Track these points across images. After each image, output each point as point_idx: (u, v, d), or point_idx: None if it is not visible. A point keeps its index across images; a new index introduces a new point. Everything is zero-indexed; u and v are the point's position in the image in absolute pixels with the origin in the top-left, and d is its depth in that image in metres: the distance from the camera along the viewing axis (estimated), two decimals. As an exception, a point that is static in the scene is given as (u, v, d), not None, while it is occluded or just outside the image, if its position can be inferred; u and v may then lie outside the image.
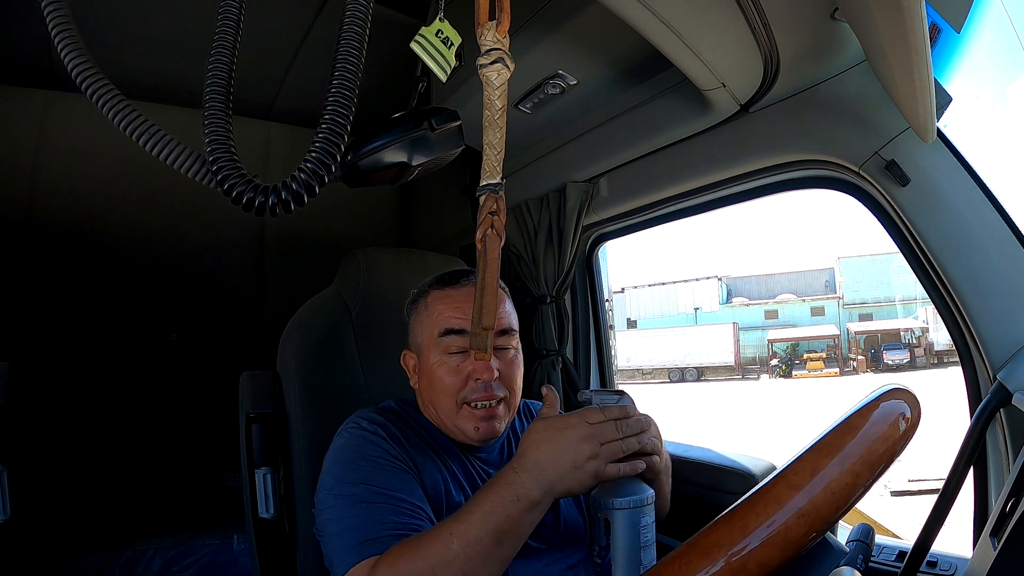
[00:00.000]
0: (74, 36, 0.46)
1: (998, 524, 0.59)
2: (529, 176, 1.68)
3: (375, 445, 0.82)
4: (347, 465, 0.81)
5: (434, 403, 0.91)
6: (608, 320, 1.84)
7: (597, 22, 1.07)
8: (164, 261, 2.18)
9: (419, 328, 0.94)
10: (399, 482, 0.79)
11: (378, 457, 0.81)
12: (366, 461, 0.80)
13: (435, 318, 0.91)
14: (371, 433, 0.83)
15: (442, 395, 0.89)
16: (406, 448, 0.85)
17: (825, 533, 0.63)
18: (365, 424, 0.85)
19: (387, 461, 0.80)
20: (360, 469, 0.79)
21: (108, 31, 1.54)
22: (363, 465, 0.79)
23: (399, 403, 0.97)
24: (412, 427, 0.91)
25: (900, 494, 5.38)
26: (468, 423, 0.88)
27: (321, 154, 0.46)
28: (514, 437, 1.01)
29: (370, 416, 0.88)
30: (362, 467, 0.79)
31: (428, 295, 0.95)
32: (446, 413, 0.90)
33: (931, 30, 0.68)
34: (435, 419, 0.93)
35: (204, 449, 2.17)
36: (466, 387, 0.88)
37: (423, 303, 0.95)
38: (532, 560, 0.87)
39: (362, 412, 0.90)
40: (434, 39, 0.71)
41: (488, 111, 0.58)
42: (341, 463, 0.81)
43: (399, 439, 0.85)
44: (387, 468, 0.80)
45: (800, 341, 23.50)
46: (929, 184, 0.97)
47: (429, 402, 0.92)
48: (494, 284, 0.63)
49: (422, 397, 0.95)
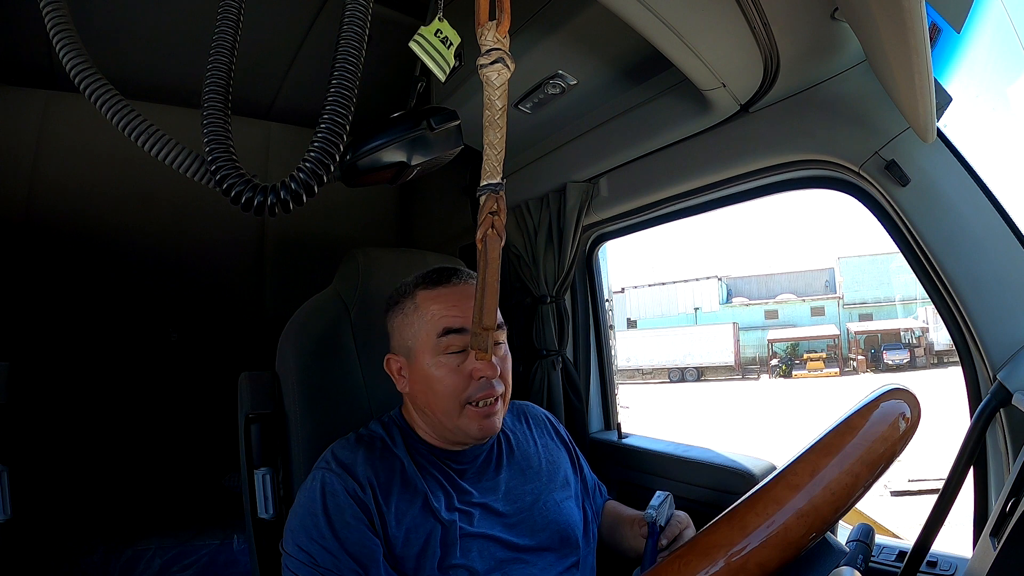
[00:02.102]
0: (72, 37, 0.46)
1: (998, 524, 0.59)
2: (529, 176, 1.68)
3: (336, 507, 0.80)
4: (301, 530, 0.80)
5: (431, 406, 0.88)
6: (608, 320, 1.84)
7: (597, 22, 1.07)
8: (164, 261, 2.17)
9: (408, 330, 0.89)
10: (349, 547, 0.78)
11: (334, 517, 0.79)
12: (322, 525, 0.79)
13: (429, 318, 0.87)
14: (330, 496, 0.81)
15: (443, 397, 0.86)
16: (374, 491, 0.82)
17: (825, 533, 0.63)
18: (328, 478, 0.82)
19: (343, 519, 0.79)
20: (312, 540, 0.79)
21: (107, 31, 1.54)
22: (315, 535, 0.79)
23: (384, 423, 0.95)
24: (392, 455, 0.88)
25: (900, 494, 5.38)
26: (471, 423, 0.86)
27: (320, 154, 0.46)
28: (504, 439, 0.99)
29: (338, 461, 0.85)
30: (314, 538, 0.79)
31: (415, 295, 0.90)
32: (445, 415, 0.87)
33: (931, 30, 0.68)
34: (428, 423, 0.91)
35: (204, 449, 2.17)
36: (469, 387, 0.86)
37: (410, 304, 0.90)
38: (528, 566, 0.87)
39: (333, 452, 0.87)
40: (433, 39, 0.71)
41: (488, 111, 0.58)
42: (300, 522, 0.81)
43: (366, 483, 0.82)
44: (341, 530, 0.78)
45: (800, 341, 23.48)
46: (929, 184, 0.97)
47: (424, 405, 0.89)
48: (495, 284, 0.63)
49: (414, 401, 0.91)
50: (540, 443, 1.03)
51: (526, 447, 1.00)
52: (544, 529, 0.90)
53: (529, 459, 0.98)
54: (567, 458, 1.05)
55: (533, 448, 1.01)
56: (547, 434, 1.06)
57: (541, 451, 1.01)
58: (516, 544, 0.87)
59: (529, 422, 1.06)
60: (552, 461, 1.01)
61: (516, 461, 0.97)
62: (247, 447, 1.08)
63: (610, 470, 1.51)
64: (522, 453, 0.99)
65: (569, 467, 1.04)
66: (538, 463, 0.99)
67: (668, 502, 0.92)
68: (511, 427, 1.03)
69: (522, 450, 0.99)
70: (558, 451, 1.04)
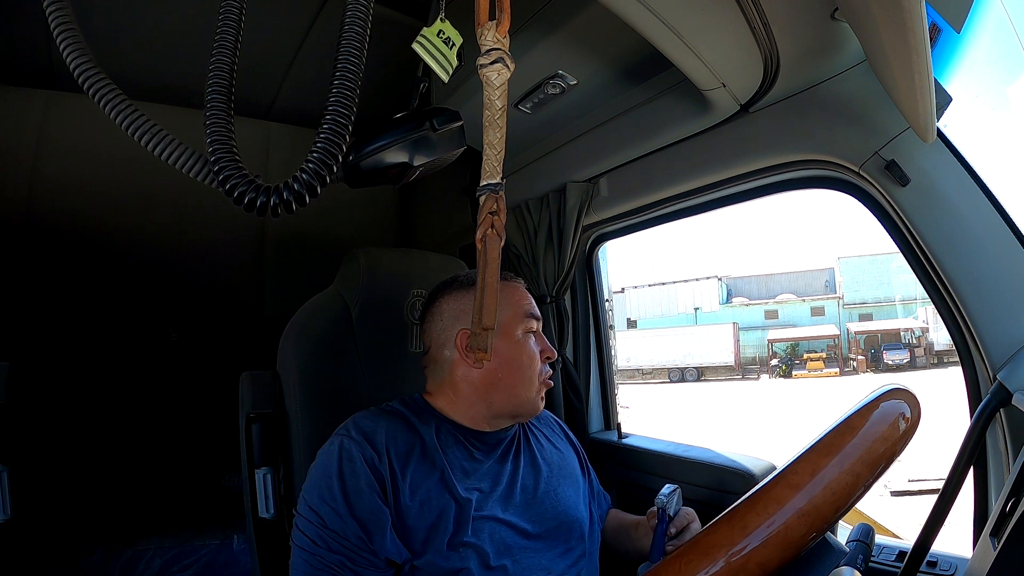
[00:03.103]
0: (76, 36, 0.46)
1: (998, 524, 0.59)
2: (529, 176, 1.68)
3: (351, 473, 0.82)
4: (314, 491, 0.83)
5: (511, 378, 0.92)
6: (608, 320, 1.84)
7: (597, 22, 1.07)
8: (164, 261, 2.17)
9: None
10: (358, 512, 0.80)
11: (348, 482, 0.81)
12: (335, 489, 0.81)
13: (516, 301, 0.95)
14: (347, 461, 0.82)
15: (528, 369, 0.93)
16: (391, 460, 0.84)
17: (825, 533, 0.63)
18: (347, 444, 0.84)
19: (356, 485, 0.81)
20: (324, 502, 0.81)
21: (110, 31, 1.54)
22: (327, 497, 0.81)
23: (405, 402, 0.96)
24: (413, 428, 0.90)
25: (900, 494, 5.38)
26: (538, 396, 0.95)
27: (323, 154, 0.46)
28: (524, 430, 1.02)
29: (359, 428, 0.86)
30: (326, 500, 0.81)
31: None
32: (526, 387, 0.93)
33: (931, 30, 0.69)
34: (482, 398, 0.93)
35: (204, 449, 2.17)
36: (542, 366, 0.95)
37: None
38: (537, 554, 0.88)
39: (354, 421, 0.89)
40: (435, 39, 0.71)
41: (488, 111, 0.58)
42: (314, 483, 0.83)
43: (384, 452, 0.84)
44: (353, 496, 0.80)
45: (800, 341, 23.47)
46: (929, 184, 0.97)
47: (502, 378, 0.92)
48: (494, 284, 0.63)
49: (486, 377, 0.92)
50: (553, 441, 1.07)
51: (543, 442, 1.04)
52: (553, 519, 0.92)
53: (544, 453, 1.01)
54: (576, 460, 1.08)
55: (548, 444, 1.05)
56: (557, 435, 1.10)
57: (553, 449, 1.05)
58: (527, 531, 0.89)
59: (542, 422, 1.10)
60: (563, 459, 1.04)
61: (532, 452, 1.00)
62: (248, 447, 1.08)
63: (610, 470, 1.51)
64: (538, 446, 1.02)
65: (578, 469, 1.06)
66: (550, 458, 1.02)
67: (678, 494, 0.96)
68: (533, 422, 1.06)
69: (539, 444, 1.03)
70: (569, 452, 1.08)
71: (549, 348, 0.97)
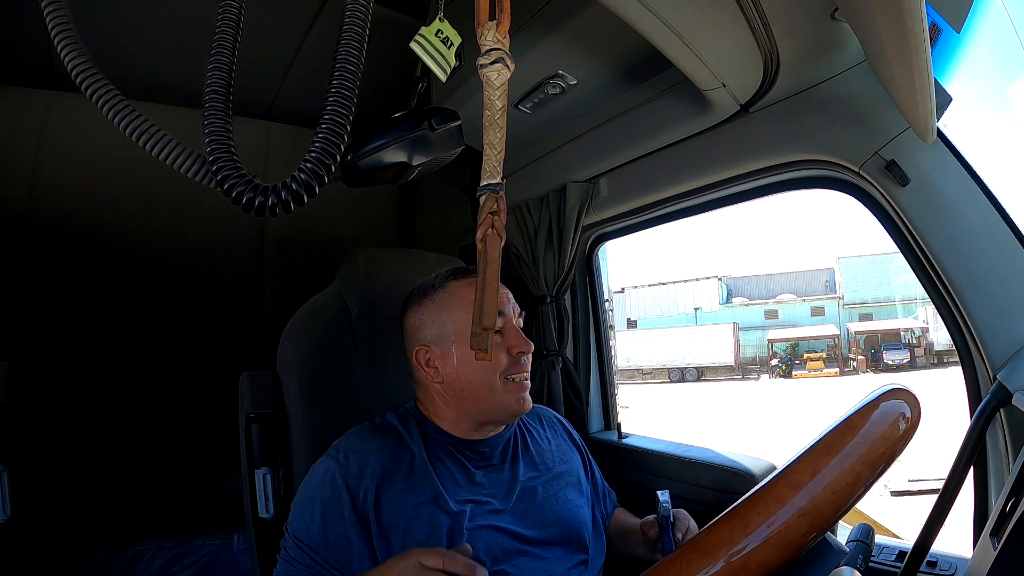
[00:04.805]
0: (73, 36, 0.46)
1: (998, 524, 0.59)
2: (529, 176, 1.68)
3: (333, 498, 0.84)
4: (298, 508, 0.86)
5: (472, 386, 0.91)
6: (608, 320, 1.84)
7: (597, 22, 1.07)
8: (164, 261, 2.18)
9: (445, 316, 0.93)
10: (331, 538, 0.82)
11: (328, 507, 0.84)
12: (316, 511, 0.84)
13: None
14: (329, 484, 0.85)
15: (489, 372, 0.90)
16: (376, 479, 0.85)
17: (825, 533, 0.63)
18: (332, 467, 0.86)
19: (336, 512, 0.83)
20: (302, 519, 0.84)
21: (109, 31, 1.54)
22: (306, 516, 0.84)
23: (399, 414, 0.96)
24: (404, 446, 0.90)
25: (900, 494, 5.38)
26: (510, 396, 0.91)
27: (321, 154, 0.46)
28: (521, 433, 1.01)
29: (345, 450, 0.88)
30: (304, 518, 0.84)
31: (447, 287, 0.95)
32: (488, 390, 0.90)
33: (931, 30, 0.68)
34: (459, 409, 0.93)
35: (204, 449, 2.17)
36: (507, 363, 0.91)
37: (442, 294, 0.95)
38: (538, 557, 0.88)
39: (344, 440, 0.90)
40: (434, 39, 0.71)
41: (488, 111, 0.58)
42: (300, 501, 0.86)
43: (369, 473, 0.85)
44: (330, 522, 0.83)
45: (800, 341, 23.47)
46: (929, 184, 0.97)
47: (464, 387, 0.91)
48: (495, 284, 0.63)
49: (448, 389, 0.93)
50: (554, 443, 1.05)
51: (542, 444, 1.03)
52: (554, 524, 0.91)
53: (543, 456, 1.00)
54: (580, 461, 1.07)
55: (547, 446, 1.03)
56: (560, 435, 1.09)
57: (555, 451, 1.03)
58: (525, 536, 0.88)
59: (543, 423, 1.09)
60: (566, 461, 1.03)
61: (531, 456, 0.99)
62: (248, 447, 1.08)
63: (610, 470, 1.50)
64: (537, 449, 1.01)
65: (582, 470, 1.05)
66: (551, 461, 1.01)
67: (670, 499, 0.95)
68: (529, 424, 1.05)
69: (537, 447, 1.01)
70: (572, 453, 1.06)
71: (519, 342, 0.93)
